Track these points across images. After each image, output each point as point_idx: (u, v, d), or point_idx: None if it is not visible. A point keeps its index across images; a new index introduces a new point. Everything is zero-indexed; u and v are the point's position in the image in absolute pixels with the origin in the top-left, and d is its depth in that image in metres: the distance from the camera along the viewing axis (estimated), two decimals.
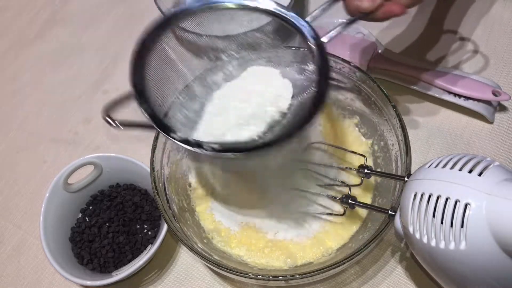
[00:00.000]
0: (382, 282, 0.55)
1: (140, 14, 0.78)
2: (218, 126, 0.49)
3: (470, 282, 0.41)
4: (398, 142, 0.54)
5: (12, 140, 0.70)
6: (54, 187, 0.56)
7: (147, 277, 0.58)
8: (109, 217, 0.59)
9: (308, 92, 0.46)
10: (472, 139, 0.62)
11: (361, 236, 0.53)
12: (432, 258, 0.42)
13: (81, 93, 0.73)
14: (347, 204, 0.51)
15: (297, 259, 0.55)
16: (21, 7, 0.82)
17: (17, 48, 0.78)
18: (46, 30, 0.79)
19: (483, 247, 0.38)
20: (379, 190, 0.57)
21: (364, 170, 0.51)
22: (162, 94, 0.50)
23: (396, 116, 0.53)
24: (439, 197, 0.40)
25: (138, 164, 0.58)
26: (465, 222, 0.39)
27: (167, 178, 0.56)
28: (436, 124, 0.64)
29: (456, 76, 0.63)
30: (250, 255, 0.55)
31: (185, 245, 0.50)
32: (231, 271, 0.49)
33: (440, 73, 0.63)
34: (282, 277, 0.49)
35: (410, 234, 0.43)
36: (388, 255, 0.56)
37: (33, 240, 0.62)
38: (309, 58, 0.48)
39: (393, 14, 0.47)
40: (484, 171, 0.40)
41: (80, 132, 0.69)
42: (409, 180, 0.45)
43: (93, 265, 0.56)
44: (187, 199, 0.59)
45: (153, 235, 0.58)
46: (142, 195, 0.60)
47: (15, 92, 0.74)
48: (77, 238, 0.58)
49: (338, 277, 0.56)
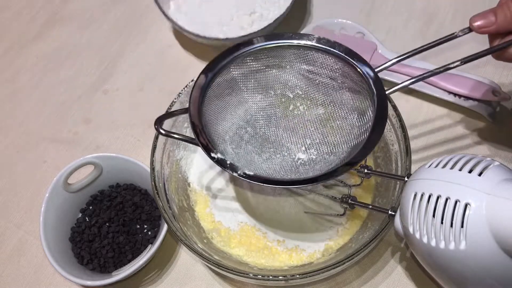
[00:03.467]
0: (382, 282, 0.55)
1: (140, 14, 0.78)
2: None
3: (470, 282, 0.41)
4: (398, 142, 0.54)
5: (12, 140, 0.70)
6: (54, 187, 0.56)
7: (147, 277, 0.58)
8: (109, 217, 0.59)
9: (362, 138, 0.48)
10: (472, 139, 0.62)
11: (361, 236, 0.53)
12: (432, 258, 0.42)
13: (81, 93, 0.72)
14: (347, 204, 0.51)
15: (297, 259, 0.55)
16: (21, 7, 0.82)
17: (17, 48, 0.78)
18: (46, 30, 0.79)
19: (483, 247, 0.38)
20: (379, 190, 0.57)
21: (364, 170, 0.51)
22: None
23: (396, 116, 0.53)
24: (439, 197, 0.40)
25: (138, 164, 0.58)
26: (465, 222, 0.39)
27: (167, 178, 0.57)
28: (436, 124, 0.64)
29: (456, 76, 0.63)
30: (250, 255, 0.55)
31: (185, 245, 0.50)
32: (231, 271, 0.49)
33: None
34: (282, 277, 0.49)
35: (410, 234, 0.43)
36: (388, 255, 0.56)
37: (33, 240, 0.62)
38: (369, 106, 0.49)
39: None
40: (484, 171, 0.40)
41: (80, 132, 0.69)
42: (409, 180, 0.45)
43: (93, 265, 0.56)
44: (187, 199, 0.59)
45: (153, 235, 0.58)
46: (142, 195, 0.60)
47: (15, 92, 0.74)
48: (77, 238, 0.58)
49: (338, 277, 0.56)
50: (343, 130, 0.52)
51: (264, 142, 0.54)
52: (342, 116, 0.53)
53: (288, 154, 0.53)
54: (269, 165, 0.52)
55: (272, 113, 0.55)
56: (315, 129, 0.54)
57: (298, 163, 0.52)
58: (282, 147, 0.54)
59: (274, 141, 0.54)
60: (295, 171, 0.51)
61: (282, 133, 0.54)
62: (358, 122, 0.51)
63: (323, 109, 0.54)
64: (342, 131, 0.52)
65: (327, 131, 0.53)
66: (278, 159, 0.52)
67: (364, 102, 0.50)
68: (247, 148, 0.53)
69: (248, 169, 0.47)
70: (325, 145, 0.53)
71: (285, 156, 0.53)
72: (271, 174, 0.50)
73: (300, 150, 0.53)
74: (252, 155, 0.52)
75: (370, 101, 0.49)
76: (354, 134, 0.50)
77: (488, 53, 0.45)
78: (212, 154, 0.48)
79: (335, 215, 0.56)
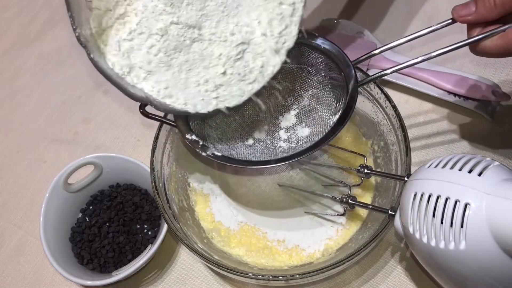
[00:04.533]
0: (382, 282, 0.55)
1: None
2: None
3: (470, 282, 0.41)
4: (398, 142, 0.54)
5: (12, 140, 0.70)
6: (54, 187, 0.56)
7: (147, 277, 0.58)
8: (109, 217, 0.59)
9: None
10: (472, 139, 0.62)
11: (361, 236, 0.53)
12: (432, 258, 0.42)
13: (81, 93, 0.73)
14: (347, 204, 0.51)
15: (297, 259, 0.55)
16: (21, 7, 0.82)
17: (17, 48, 0.78)
18: (46, 30, 0.79)
19: (483, 247, 0.38)
20: (379, 190, 0.57)
21: (364, 170, 0.51)
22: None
23: (396, 116, 0.53)
24: (439, 197, 0.40)
25: (138, 164, 0.58)
26: (465, 222, 0.39)
27: (167, 178, 0.57)
28: (436, 124, 0.64)
29: (456, 76, 0.63)
30: (250, 255, 0.55)
31: (185, 245, 0.50)
32: (231, 271, 0.49)
33: (440, 73, 0.63)
34: (282, 277, 0.49)
35: (410, 234, 0.43)
36: (388, 255, 0.56)
37: (33, 240, 0.62)
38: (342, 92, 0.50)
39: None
40: (484, 171, 0.40)
41: (80, 132, 0.69)
42: (409, 180, 0.45)
43: (93, 265, 0.56)
44: (187, 199, 0.59)
45: (153, 235, 0.58)
46: (142, 195, 0.60)
47: (15, 92, 0.74)
48: (77, 238, 0.58)
49: (338, 277, 0.56)
50: (322, 120, 0.52)
51: (250, 131, 0.53)
52: (321, 107, 0.53)
53: (271, 142, 0.53)
54: (251, 151, 0.52)
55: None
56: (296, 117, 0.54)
57: (278, 150, 0.52)
58: (266, 136, 0.54)
59: (260, 130, 0.54)
60: (274, 157, 0.51)
61: (265, 122, 0.54)
62: (333, 113, 0.51)
63: (305, 100, 0.54)
64: (321, 121, 0.52)
65: (309, 121, 0.53)
66: (261, 147, 0.52)
67: (341, 94, 0.51)
68: (232, 135, 0.53)
69: (229, 154, 0.49)
70: (305, 134, 0.53)
71: (268, 144, 0.53)
72: (250, 158, 0.51)
73: (281, 139, 0.53)
74: (236, 141, 0.52)
75: (345, 94, 0.50)
76: (330, 124, 0.50)
77: (464, 44, 0.45)
78: (187, 136, 0.49)
79: (335, 215, 0.56)
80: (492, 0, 0.43)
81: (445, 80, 0.62)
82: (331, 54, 0.51)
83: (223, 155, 0.49)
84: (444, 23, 0.47)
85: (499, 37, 0.43)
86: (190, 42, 0.47)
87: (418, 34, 0.48)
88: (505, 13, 0.43)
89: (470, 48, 0.45)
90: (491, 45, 0.44)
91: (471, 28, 0.46)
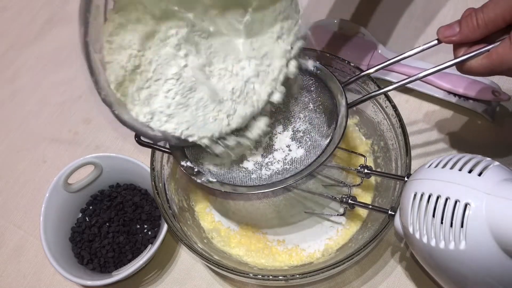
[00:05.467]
0: (382, 282, 0.55)
1: None
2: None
3: (470, 282, 0.41)
4: (398, 142, 0.54)
5: (12, 140, 0.70)
6: (54, 187, 0.56)
7: (147, 277, 0.58)
8: (109, 217, 0.59)
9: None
10: (472, 139, 0.62)
11: (361, 236, 0.53)
12: (432, 258, 0.42)
13: (81, 93, 0.73)
14: (347, 204, 0.51)
15: (297, 259, 0.55)
16: (21, 7, 0.82)
17: (17, 48, 0.78)
18: (46, 30, 0.79)
19: (483, 247, 0.38)
20: (379, 190, 0.57)
21: (364, 170, 0.51)
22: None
23: (396, 116, 0.53)
24: (439, 197, 0.40)
25: (138, 164, 0.58)
26: (465, 222, 0.39)
27: (167, 178, 0.57)
28: (436, 124, 0.64)
29: (456, 76, 0.63)
30: (250, 255, 0.55)
31: (185, 245, 0.50)
32: (231, 271, 0.49)
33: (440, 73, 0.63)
34: (282, 277, 0.49)
35: (410, 234, 0.43)
36: (388, 255, 0.56)
37: (33, 240, 0.62)
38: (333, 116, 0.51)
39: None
40: (484, 171, 0.40)
41: (80, 132, 0.69)
42: (409, 180, 0.45)
43: (93, 265, 0.56)
44: (187, 199, 0.59)
45: (153, 235, 0.58)
46: (142, 195, 0.60)
47: (15, 92, 0.74)
48: (77, 238, 0.58)
49: (338, 277, 0.56)
50: (316, 141, 0.52)
51: (245, 154, 0.54)
52: (314, 129, 0.53)
53: (265, 164, 0.53)
54: (246, 174, 0.52)
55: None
56: (291, 140, 0.54)
57: (273, 172, 0.52)
58: (261, 158, 0.54)
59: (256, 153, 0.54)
60: (269, 180, 0.51)
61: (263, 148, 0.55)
62: (326, 135, 0.52)
63: (298, 122, 0.54)
64: (314, 142, 0.53)
65: (303, 143, 0.53)
66: (256, 168, 0.53)
67: (332, 116, 0.51)
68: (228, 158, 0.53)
69: (224, 178, 0.50)
70: (299, 157, 0.53)
71: (263, 166, 0.53)
72: (245, 182, 0.51)
73: (276, 160, 0.53)
74: (232, 164, 0.53)
75: (336, 115, 0.50)
76: (323, 146, 0.51)
77: (450, 65, 0.46)
78: (182, 162, 0.50)
79: (335, 215, 0.56)
80: (475, 21, 0.44)
81: (445, 80, 0.63)
82: (321, 76, 0.52)
83: (218, 181, 0.50)
84: (430, 43, 0.47)
85: (483, 57, 0.44)
86: (203, 80, 0.48)
87: (407, 54, 0.49)
88: (488, 33, 0.44)
89: (457, 67, 0.46)
90: (476, 65, 0.44)
91: (456, 48, 0.46)
